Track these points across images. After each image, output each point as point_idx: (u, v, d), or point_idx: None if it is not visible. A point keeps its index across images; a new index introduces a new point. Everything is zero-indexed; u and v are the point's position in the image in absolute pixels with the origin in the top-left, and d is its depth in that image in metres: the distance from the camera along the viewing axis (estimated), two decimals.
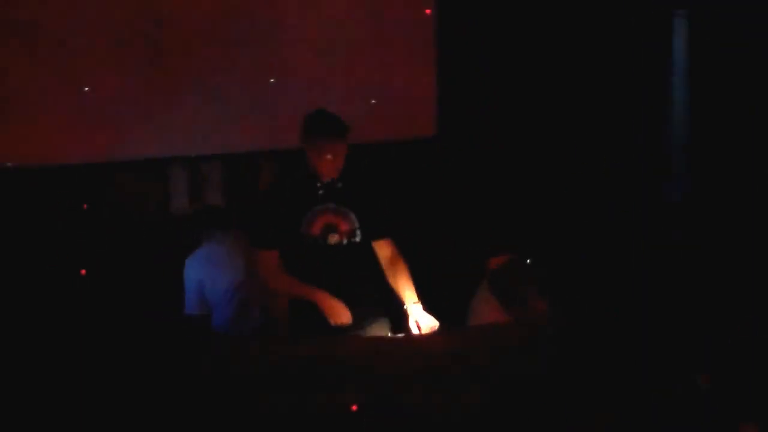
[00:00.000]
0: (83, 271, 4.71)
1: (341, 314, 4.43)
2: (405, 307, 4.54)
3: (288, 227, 4.49)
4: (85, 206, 4.92)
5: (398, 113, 4.99)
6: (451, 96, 5.49)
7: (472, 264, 4.88)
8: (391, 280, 4.59)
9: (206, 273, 4.68)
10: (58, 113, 4.86)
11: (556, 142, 5.20)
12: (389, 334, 4.60)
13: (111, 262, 4.95)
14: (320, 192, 4.51)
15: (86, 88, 4.88)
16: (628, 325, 4.30)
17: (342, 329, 4.46)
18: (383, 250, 4.64)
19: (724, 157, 5.05)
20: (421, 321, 4.49)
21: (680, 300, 4.49)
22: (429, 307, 4.59)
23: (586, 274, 4.66)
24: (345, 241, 4.56)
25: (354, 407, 3.93)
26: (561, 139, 5.21)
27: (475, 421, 4.01)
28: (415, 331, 4.48)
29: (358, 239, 4.57)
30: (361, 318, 4.51)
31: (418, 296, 4.56)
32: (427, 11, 5.37)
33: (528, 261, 4.85)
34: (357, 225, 4.58)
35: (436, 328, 4.48)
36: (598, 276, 4.67)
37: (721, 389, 4.06)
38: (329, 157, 4.43)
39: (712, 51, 5.13)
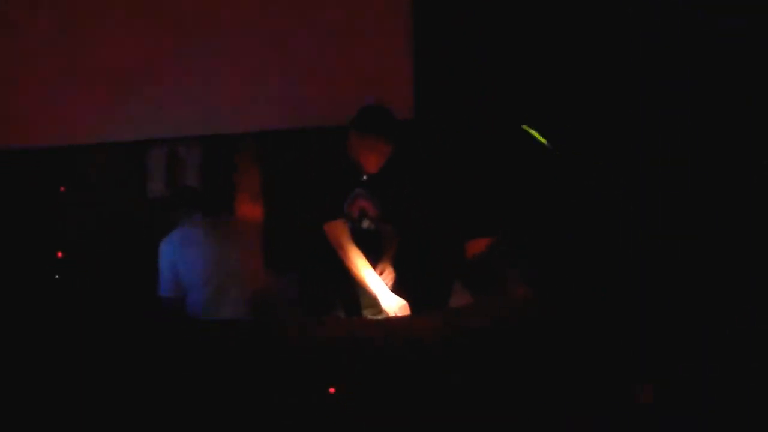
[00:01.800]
0: (59, 254, 4.69)
1: (402, 313, 4.46)
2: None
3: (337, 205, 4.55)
4: (63, 189, 4.89)
5: (376, 97, 4.95)
6: (428, 79, 5.47)
7: (452, 247, 4.91)
8: None
9: (181, 254, 4.66)
10: (34, 95, 4.81)
11: (536, 124, 5.20)
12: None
13: (88, 245, 4.91)
14: (363, 177, 4.57)
15: (63, 68, 4.84)
16: (610, 310, 4.33)
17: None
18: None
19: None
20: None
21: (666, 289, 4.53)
22: (410, 289, 4.65)
23: (568, 257, 4.67)
24: (373, 227, 4.61)
25: (332, 389, 3.95)
26: (542, 122, 5.20)
27: (455, 403, 4.04)
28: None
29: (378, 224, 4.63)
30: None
31: (399, 280, 4.62)
32: None
33: (506, 243, 4.88)
34: (380, 210, 4.63)
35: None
36: (580, 259, 4.67)
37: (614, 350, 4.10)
38: (375, 156, 4.49)
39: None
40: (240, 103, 5.13)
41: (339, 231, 4.55)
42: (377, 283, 4.51)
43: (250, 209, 4.87)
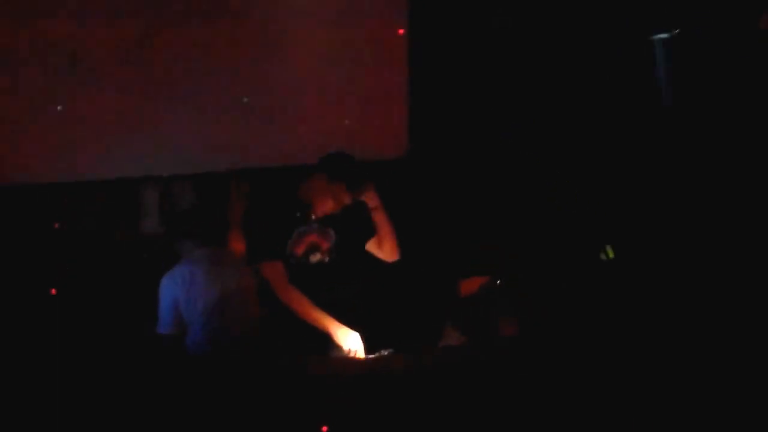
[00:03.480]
0: (53, 291, 4.70)
1: (355, 345, 4.45)
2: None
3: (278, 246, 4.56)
4: (56, 225, 4.90)
5: (370, 133, 4.99)
6: (422, 117, 5.50)
7: (444, 287, 4.92)
8: None
9: (184, 291, 4.58)
10: (28, 133, 4.83)
11: (527, 163, 5.23)
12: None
13: (81, 282, 4.92)
14: (311, 216, 4.58)
15: (59, 107, 4.87)
16: (600, 347, 4.33)
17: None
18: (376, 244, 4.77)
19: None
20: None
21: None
22: (400, 328, 4.64)
23: (559, 297, 4.68)
24: (326, 259, 4.62)
25: (324, 429, 3.96)
26: (532, 161, 5.23)
27: None
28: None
29: (335, 256, 4.63)
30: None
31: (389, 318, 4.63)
32: (400, 31, 5.37)
33: (499, 282, 4.88)
34: (335, 241, 4.64)
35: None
36: (570, 298, 4.69)
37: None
38: (335, 203, 4.54)
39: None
40: (237, 142, 5.19)
41: (274, 273, 4.58)
42: (325, 319, 4.52)
43: (240, 243, 4.85)
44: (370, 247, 4.80)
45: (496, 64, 5.36)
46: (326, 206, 4.62)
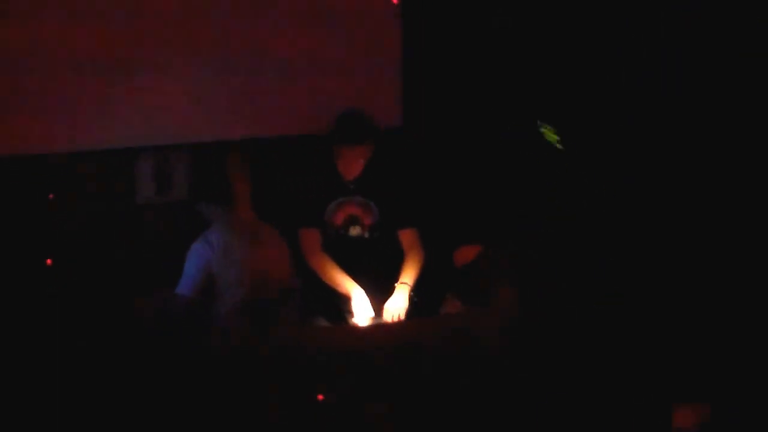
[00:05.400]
0: (49, 261, 4.68)
1: (363, 317, 4.45)
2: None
3: (317, 214, 4.56)
4: (51, 196, 4.87)
5: (364, 105, 4.98)
6: (416, 86, 5.50)
7: (441, 253, 4.95)
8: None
9: (217, 258, 4.56)
10: (22, 103, 4.78)
11: (524, 131, 5.24)
12: None
13: (77, 252, 4.90)
14: (351, 186, 4.57)
15: (50, 78, 4.82)
16: (601, 317, 4.37)
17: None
18: (404, 239, 4.77)
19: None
20: (387, 305, 4.54)
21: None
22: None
23: (558, 264, 4.72)
24: (366, 235, 4.62)
25: (320, 396, 3.98)
26: (529, 129, 5.24)
27: (445, 410, 4.07)
28: (386, 314, 4.53)
29: (377, 234, 4.63)
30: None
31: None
32: (395, 0, 5.37)
33: (492, 251, 4.91)
34: (378, 219, 4.64)
35: (398, 315, 4.53)
36: (570, 265, 4.72)
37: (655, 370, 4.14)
38: (347, 160, 4.53)
39: None
40: (234, 112, 5.15)
41: (309, 240, 4.59)
42: (348, 283, 4.54)
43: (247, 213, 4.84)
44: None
45: (491, 32, 5.37)
46: (348, 170, 4.64)
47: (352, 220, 4.70)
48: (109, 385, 4.01)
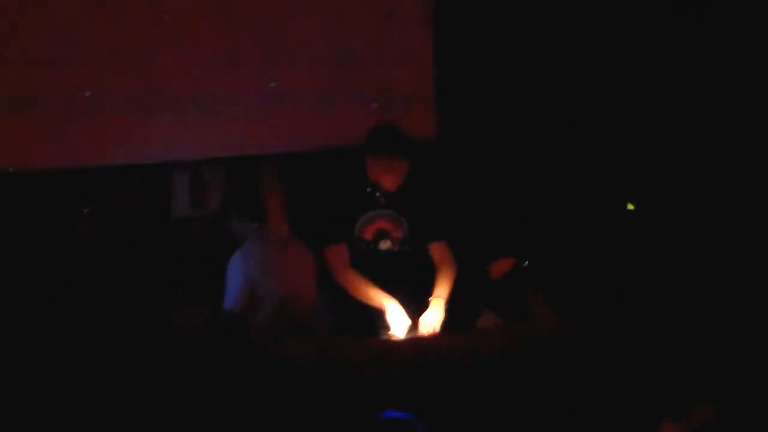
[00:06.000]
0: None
1: (400, 329, 4.44)
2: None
3: (345, 229, 4.55)
4: (86, 210, 4.90)
5: (399, 116, 4.98)
6: (451, 97, 5.50)
7: (475, 268, 4.92)
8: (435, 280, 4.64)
9: (259, 272, 4.55)
10: (60, 117, 4.82)
11: (559, 143, 5.22)
12: None
13: (112, 266, 4.92)
14: (382, 200, 4.57)
15: (87, 92, 4.86)
16: (634, 331, 4.32)
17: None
18: (435, 252, 4.68)
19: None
20: (423, 318, 4.51)
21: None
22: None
23: (591, 279, 4.68)
24: (396, 249, 4.60)
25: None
26: (564, 141, 5.22)
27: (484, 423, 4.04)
28: (422, 328, 4.50)
29: (408, 248, 4.61)
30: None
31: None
32: None
33: (526, 263, 4.88)
34: (408, 233, 4.61)
35: (433, 329, 4.49)
36: (603, 280, 4.69)
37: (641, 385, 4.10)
38: (391, 175, 4.50)
39: None
40: (267, 125, 5.17)
41: (337, 257, 4.57)
42: (381, 297, 4.51)
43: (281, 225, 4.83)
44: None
45: (526, 39, 5.35)
46: (388, 181, 4.57)
47: (382, 234, 4.65)
48: (145, 400, 4.01)
